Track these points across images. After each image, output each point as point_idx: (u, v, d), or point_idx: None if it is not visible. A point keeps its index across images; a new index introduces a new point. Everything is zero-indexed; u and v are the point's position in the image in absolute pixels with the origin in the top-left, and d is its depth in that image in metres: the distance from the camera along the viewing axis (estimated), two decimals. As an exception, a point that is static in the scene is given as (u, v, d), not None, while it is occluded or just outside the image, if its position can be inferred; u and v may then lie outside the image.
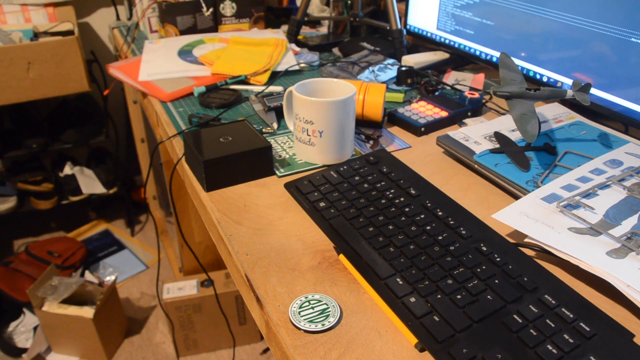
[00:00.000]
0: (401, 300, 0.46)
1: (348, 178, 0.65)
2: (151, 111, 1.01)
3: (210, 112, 0.89)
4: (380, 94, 0.81)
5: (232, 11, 1.33)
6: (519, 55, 0.93)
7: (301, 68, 1.09)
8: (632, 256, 0.50)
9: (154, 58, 1.10)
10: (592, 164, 0.66)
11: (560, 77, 0.86)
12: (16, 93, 1.52)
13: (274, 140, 0.80)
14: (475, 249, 0.52)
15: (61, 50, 1.51)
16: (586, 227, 0.54)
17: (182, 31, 1.28)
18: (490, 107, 0.92)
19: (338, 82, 0.74)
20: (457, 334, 0.43)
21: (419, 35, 1.18)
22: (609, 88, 0.78)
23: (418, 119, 0.83)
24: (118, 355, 1.58)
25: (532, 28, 0.89)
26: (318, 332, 0.45)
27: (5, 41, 1.49)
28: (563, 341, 0.42)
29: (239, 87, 0.99)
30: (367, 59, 1.07)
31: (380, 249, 0.53)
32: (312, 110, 0.68)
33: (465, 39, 1.05)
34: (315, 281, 0.52)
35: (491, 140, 0.74)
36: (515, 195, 0.65)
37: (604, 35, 0.77)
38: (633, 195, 0.59)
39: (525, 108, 0.70)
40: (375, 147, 0.78)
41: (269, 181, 0.69)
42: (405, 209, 0.58)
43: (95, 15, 1.88)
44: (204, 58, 1.09)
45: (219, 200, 0.65)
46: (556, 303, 0.46)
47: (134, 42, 1.37)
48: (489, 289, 0.47)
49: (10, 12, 1.65)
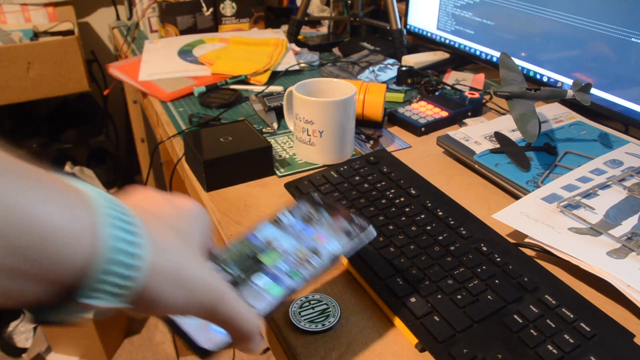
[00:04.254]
0: (401, 300, 0.46)
1: (348, 178, 0.65)
2: (151, 111, 1.01)
3: (210, 112, 0.89)
4: (380, 94, 0.81)
5: (232, 11, 1.33)
6: (519, 55, 0.93)
7: (301, 68, 1.09)
8: (632, 256, 0.50)
9: (154, 58, 1.10)
10: (593, 164, 0.66)
11: (561, 77, 0.86)
12: (16, 93, 1.52)
13: (274, 140, 0.80)
14: (475, 249, 0.52)
15: (61, 50, 1.51)
16: (586, 227, 0.54)
17: (182, 31, 1.28)
18: (491, 107, 0.92)
19: (338, 82, 0.74)
20: (458, 334, 0.43)
21: (419, 35, 1.18)
22: (609, 88, 0.78)
23: (418, 119, 0.83)
24: (118, 355, 1.58)
25: (532, 28, 0.89)
26: (318, 332, 0.45)
27: (5, 41, 1.49)
28: (563, 341, 0.42)
29: (239, 87, 0.99)
30: (367, 59, 1.07)
31: (381, 249, 0.53)
32: (312, 110, 0.68)
33: (466, 39, 1.05)
34: (316, 281, 0.52)
35: (491, 140, 0.74)
36: (515, 195, 0.65)
37: (604, 35, 0.77)
38: (633, 196, 0.59)
39: (525, 108, 0.70)
40: (375, 147, 0.78)
41: (269, 181, 0.69)
42: (406, 209, 0.58)
43: (95, 15, 1.88)
44: (204, 58, 1.09)
45: (219, 200, 0.65)
46: (556, 303, 0.46)
47: (134, 42, 1.37)
48: (490, 289, 0.47)
49: (10, 12, 1.65)
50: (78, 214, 0.24)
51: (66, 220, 0.24)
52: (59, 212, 0.24)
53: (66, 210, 0.24)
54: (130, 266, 0.25)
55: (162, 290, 0.27)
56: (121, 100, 1.93)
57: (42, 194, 0.23)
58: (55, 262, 0.23)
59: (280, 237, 0.42)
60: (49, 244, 0.23)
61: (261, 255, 0.40)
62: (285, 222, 0.44)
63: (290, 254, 0.41)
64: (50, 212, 0.23)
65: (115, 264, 0.25)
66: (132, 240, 0.26)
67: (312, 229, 0.43)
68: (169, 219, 0.31)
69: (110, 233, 0.25)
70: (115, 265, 0.25)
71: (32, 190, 0.23)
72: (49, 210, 0.23)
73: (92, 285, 0.25)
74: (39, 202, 0.23)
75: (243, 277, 0.39)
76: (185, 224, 0.33)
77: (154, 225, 0.29)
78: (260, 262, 0.40)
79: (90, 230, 0.25)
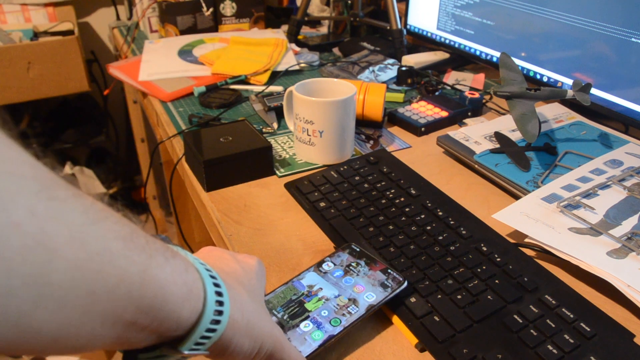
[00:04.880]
0: (401, 300, 0.46)
1: (348, 178, 0.65)
2: (151, 111, 1.01)
3: (210, 112, 0.89)
4: (380, 94, 0.81)
5: (232, 11, 1.33)
6: (519, 55, 0.93)
7: (301, 68, 1.09)
8: (632, 256, 0.50)
9: (154, 58, 1.10)
10: (593, 164, 0.66)
11: (561, 77, 0.86)
12: (16, 93, 1.52)
13: (274, 140, 0.80)
14: (475, 249, 0.52)
15: (61, 50, 1.51)
16: (586, 227, 0.54)
17: (182, 31, 1.28)
18: (491, 107, 0.92)
19: (338, 82, 0.74)
20: (458, 334, 0.43)
21: (419, 35, 1.18)
22: (609, 88, 0.78)
23: (418, 119, 0.83)
24: (118, 355, 1.58)
25: (532, 28, 0.89)
26: (318, 332, 0.45)
27: (5, 41, 1.49)
28: (563, 341, 0.42)
29: (239, 87, 0.99)
30: (367, 59, 1.07)
31: (381, 249, 0.53)
32: (313, 110, 0.68)
33: (466, 39, 1.05)
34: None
35: (491, 140, 0.74)
36: (515, 195, 0.65)
37: (604, 35, 0.77)
38: (633, 196, 0.59)
39: (525, 108, 0.70)
40: (375, 147, 0.78)
41: (269, 181, 0.69)
42: (406, 209, 0.58)
43: (95, 15, 1.88)
44: (204, 58, 1.09)
45: (219, 200, 0.65)
46: (556, 303, 0.46)
47: (134, 42, 1.37)
48: (489, 289, 0.47)
49: (10, 12, 1.65)
50: (189, 278, 0.28)
51: (181, 284, 0.27)
52: (175, 277, 0.27)
53: (180, 276, 0.28)
54: (217, 321, 0.29)
55: (235, 339, 0.31)
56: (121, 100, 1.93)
57: (165, 264, 0.27)
58: (169, 319, 0.27)
59: (323, 284, 0.47)
60: (167, 303, 0.26)
61: (306, 301, 0.45)
62: (326, 270, 0.48)
63: (331, 301, 0.45)
64: (169, 277, 0.27)
65: (211, 323, 0.29)
66: (221, 300, 0.30)
67: (352, 279, 0.47)
68: (238, 276, 0.36)
69: (210, 298, 0.29)
70: (211, 324, 0.29)
71: (155, 256, 0.26)
72: (168, 275, 0.27)
73: (195, 340, 0.29)
74: (160, 267, 0.26)
75: (289, 321, 0.43)
76: (251, 280, 0.37)
77: (229, 284, 0.33)
78: (305, 308, 0.44)
79: (197, 293, 0.29)
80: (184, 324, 0.28)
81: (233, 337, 0.31)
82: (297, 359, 0.37)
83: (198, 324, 0.28)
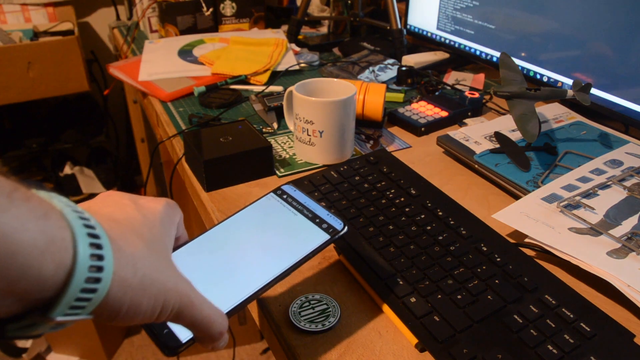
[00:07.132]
0: (401, 300, 0.46)
1: (348, 178, 0.65)
2: (151, 111, 1.01)
3: (210, 112, 0.89)
4: (380, 94, 0.81)
5: (232, 11, 1.33)
6: (519, 55, 0.93)
7: (301, 68, 1.09)
8: (632, 256, 0.50)
9: (154, 58, 1.10)
10: (593, 164, 0.66)
11: (561, 77, 0.86)
12: (16, 93, 1.52)
13: (274, 140, 0.80)
14: (475, 249, 0.52)
15: (61, 50, 1.51)
16: (586, 227, 0.54)
17: (182, 31, 1.28)
18: (491, 107, 0.92)
19: (338, 82, 0.74)
20: (458, 334, 0.43)
21: (419, 35, 1.18)
22: (609, 88, 0.78)
23: (418, 119, 0.83)
24: (118, 355, 1.58)
25: (532, 28, 0.89)
26: (318, 332, 0.45)
27: (5, 41, 1.49)
28: (563, 341, 0.42)
29: (239, 87, 0.99)
30: (367, 59, 1.07)
31: (381, 249, 0.53)
32: (312, 110, 0.68)
33: (466, 39, 1.05)
34: (316, 281, 0.52)
35: (491, 140, 0.74)
36: (515, 195, 0.65)
37: (604, 35, 0.77)
38: (633, 196, 0.59)
39: (525, 108, 0.70)
40: (375, 147, 0.78)
41: (269, 181, 0.69)
42: (406, 209, 0.58)
43: (95, 15, 1.88)
44: (204, 58, 1.09)
45: (219, 200, 0.65)
46: (556, 303, 0.46)
47: (134, 42, 1.37)
48: (490, 289, 0.47)
49: (10, 11, 1.65)
50: (48, 226, 0.23)
51: (35, 232, 0.23)
52: (24, 223, 0.22)
53: (35, 223, 0.23)
54: (96, 279, 0.25)
55: (128, 299, 0.27)
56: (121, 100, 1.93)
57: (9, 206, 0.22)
58: (26, 277, 0.22)
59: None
60: (16, 255, 0.22)
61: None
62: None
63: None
64: (14, 223, 0.22)
65: (87, 281, 0.24)
66: (99, 254, 0.25)
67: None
68: (134, 224, 0.31)
69: (83, 251, 0.24)
70: (87, 282, 0.24)
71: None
72: (12, 220, 0.22)
73: (68, 302, 0.24)
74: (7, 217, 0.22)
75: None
76: (153, 228, 0.32)
77: (118, 234, 0.28)
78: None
79: (62, 244, 0.24)
80: (49, 283, 0.23)
81: (124, 296, 0.26)
82: (210, 315, 0.32)
83: (69, 283, 0.24)
